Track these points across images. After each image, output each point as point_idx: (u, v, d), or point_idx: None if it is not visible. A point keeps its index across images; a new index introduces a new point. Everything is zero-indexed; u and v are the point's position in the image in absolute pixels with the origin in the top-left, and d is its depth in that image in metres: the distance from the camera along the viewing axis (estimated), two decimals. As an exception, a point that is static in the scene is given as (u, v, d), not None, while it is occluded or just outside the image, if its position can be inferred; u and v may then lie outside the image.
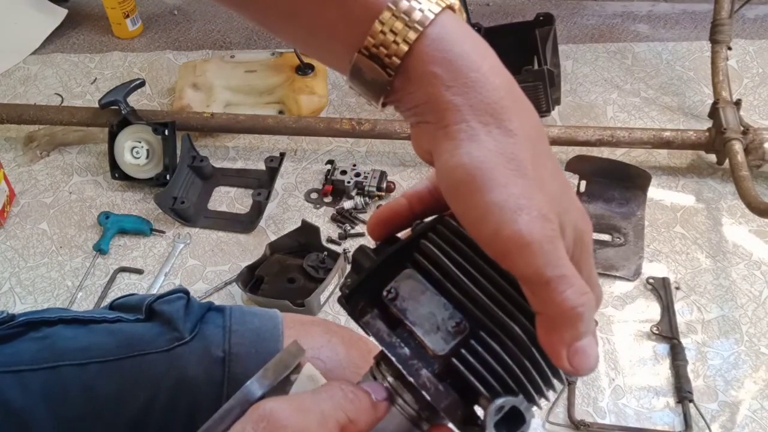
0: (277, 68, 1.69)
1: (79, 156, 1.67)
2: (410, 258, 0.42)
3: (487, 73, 0.38)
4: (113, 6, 1.92)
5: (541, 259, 0.36)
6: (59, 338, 0.64)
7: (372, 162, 1.58)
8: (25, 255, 1.48)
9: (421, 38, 0.38)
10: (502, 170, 0.37)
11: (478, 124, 0.38)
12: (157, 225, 1.50)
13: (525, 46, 1.56)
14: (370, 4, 0.39)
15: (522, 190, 0.37)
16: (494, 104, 0.38)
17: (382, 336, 0.40)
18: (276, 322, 0.68)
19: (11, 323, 0.64)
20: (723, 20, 1.51)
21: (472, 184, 0.37)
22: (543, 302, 0.37)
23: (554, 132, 1.48)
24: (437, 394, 0.38)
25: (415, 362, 0.39)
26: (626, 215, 1.42)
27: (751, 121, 1.48)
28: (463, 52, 0.39)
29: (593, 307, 0.37)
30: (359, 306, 0.42)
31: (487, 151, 0.37)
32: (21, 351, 0.63)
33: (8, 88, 1.86)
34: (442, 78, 0.38)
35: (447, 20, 0.39)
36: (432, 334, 0.39)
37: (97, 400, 0.61)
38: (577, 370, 0.37)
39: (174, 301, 0.67)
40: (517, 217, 0.36)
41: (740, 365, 1.20)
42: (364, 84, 0.41)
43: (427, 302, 0.40)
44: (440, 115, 0.38)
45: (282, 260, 1.38)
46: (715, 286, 1.31)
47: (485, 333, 0.39)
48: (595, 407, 1.17)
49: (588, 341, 0.37)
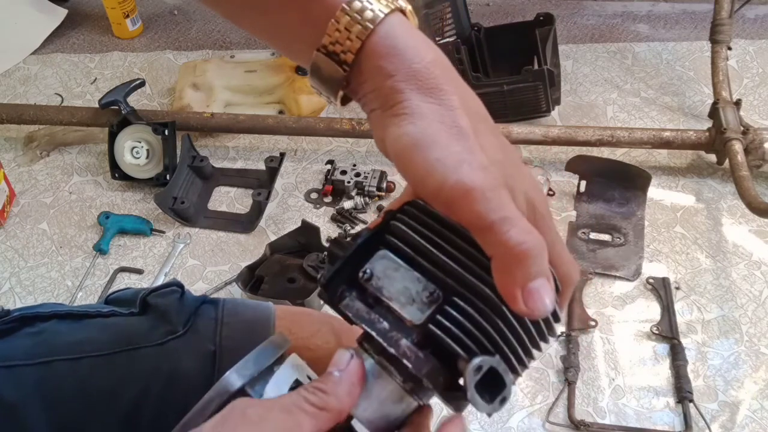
0: (277, 68, 1.69)
1: (79, 156, 1.67)
2: (383, 241, 0.43)
3: (428, 65, 0.42)
4: (113, 6, 1.92)
5: (483, 204, 0.38)
6: (53, 333, 0.64)
7: (372, 162, 1.58)
8: (25, 255, 1.48)
9: (372, 35, 0.42)
10: (444, 134, 0.40)
11: (420, 102, 0.41)
12: (157, 225, 1.50)
13: (525, 46, 1.56)
14: (327, 5, 0.43)
15: (463, 148, 0.40)
16: (435, 88, 0.41)
17: (361, 314, 0.42)
18: (268, 314, 0.68)
19: (5, 318, 0.65)
20: (723, 20, 1.51)
21: (416, 146, 0.40)
22: (491, 245, 0.38)
23: (554, 132, 1.48)
24: (417, 361, 0.40)
25: (395, 334, 0.40)
26: (626, 215, 1.42)
27: (751, 121, 1.48)
28: (407, 47, 0.42)
29: (541, 246, 0.38)
30: (338, 292, 0.43)
31: (429, 120, 0.41)
32: (15, 346, 0.63)
33: (8, 88, 1.86)
34: (388, 69, 0.42)
35: (396, 20, 0.43)
36: (408, 306, 0.41)
37: (91, 394, 0.62)
38: (532, 311, 0.38)
39: (168, 294, 0.67)
40: (458, 168, 0.39)
41: (740, 365, 1.20)
42: (323, 81, 0.45)
43: (401, 278, 0.41)
44: (386, 99, 0.42)
45: (282, 260, 1.38)
46: (715, 286, 1.31)
47: (458, 297, 0.40)
48: (595, 407, 1.17)
49: (540, 282, 0.38)
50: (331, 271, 0.42)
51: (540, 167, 1.52)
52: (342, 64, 0.43)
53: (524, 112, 1.59)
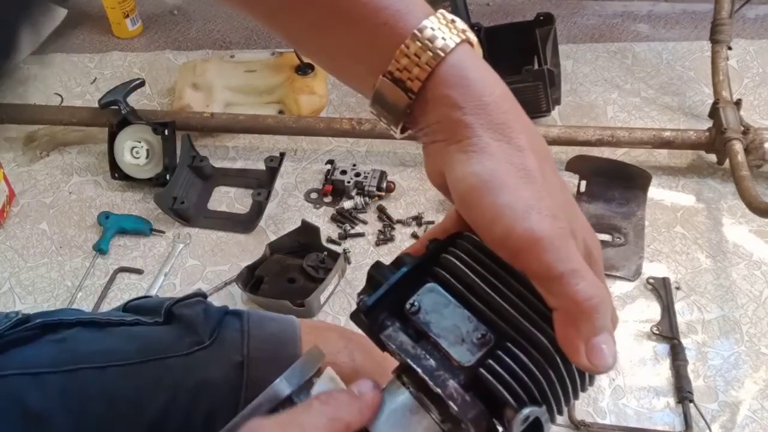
0: (277, 68, 1.69)
1: (79, 156, 1.67)
2: (429, 273, 0.42)
3: (497, 99, 0.41)
4: (113, 6, 1.92)
5: (552, 254, 0.37)
6: (78, 341, 0.64)
7: (372, 162, 1.58)
8: (25, 255, 1.48)
9: (441, 64, 0.41)
10: (512, 177, 0.39)
11: (489, 139, 0.40)
12: (156, 225, 1.50)
13: (525, 46, 1.56)
14: (397, 30, 0.42)
15: (532, 194, 0.38)
16: (503, 125, 0.40)
17: (406, 348, 0.40)
18: (294, 327, 0.69)
19: (28, 325, 0.64)
20: (723, 20, 1.51)
21: (484, 188, 0.39)
22: (557, 297, 0.37)
23: (554, 132, 1.48)
24: (464, 405, 0.38)
25: (442, 373, 0.39)
26: (626, 215, 1.42)
27: (752, 121, 1.48)
28: (478, 78, 0.41)
29: (608, 301, 0.38)
30: (378, 320, 0.41)
31: (497, 160, 0.39)
32: (40, 353, 0.63)
33: (8, 88, 1.86)
34: (456, 100, 0.41)
35: (465, 51, 0.42)
36: (457, 346, 0.39)
37: (116, 403, 0.62)
38: (596, 367, 0.37)
39: (194, 305, 0.67)
40: (528, 216, 0.37)
41: (740, 365, 1.20)
42: (385, 107, 0.43)
43: (451, 315, 0.40)
44: (452, 132, 0.41)
45: (282, 260, 1.38)
46: (716, 286, 1.31)
47: (511, 343, 0.39)
48: (596, 407, 1.17)
49: (605, 337, 0.37)
50: (375, 297, 0.41)
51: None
52: (408, 91, 0.42)
53: (524, 112, 1.59)
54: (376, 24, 0.42)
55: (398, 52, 0.41)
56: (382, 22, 0.42)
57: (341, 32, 0.44)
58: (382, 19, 0.42)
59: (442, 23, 0.42)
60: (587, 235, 0.42)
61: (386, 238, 1.43)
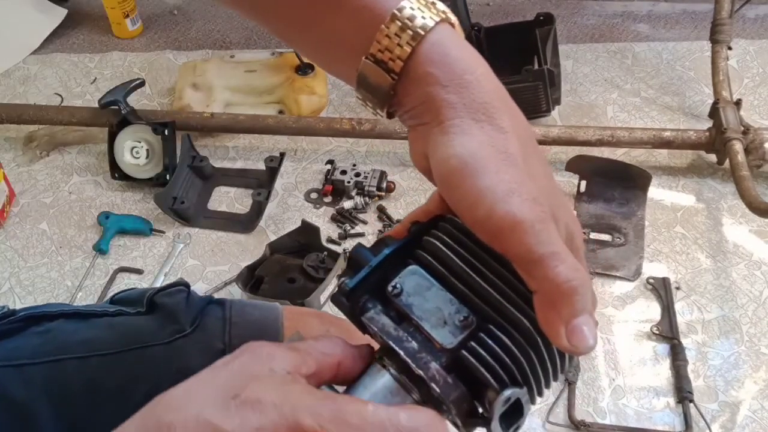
0: (277, 68, 1.69)
1: (79, 156, 1.67)
2: (411, 255, 0.42)
3: (480, 77, 0.41)
4: (113, 6, 1.92)
5: (532, 237, 0.37)
6: (61, 332, 0.65)
7: (372, 162, 1.58)
8: (25, 255, 1.48)
9: (422, 42, 0.41)
10: (494, 159, 0.39)
11: (471, 121, 0.40)
12: (156, 225, 1.50)
13: (525, 46, 1.56)
14: (377, 11, 0.42)
15: (513, 177, 0.39)
16: (486, 104, 0.40)
17: (388, 331, 0.40)
18: (276, 314, 0.69)
19: (12, 318, 0.65)
20: (723, 20, 1.51)
21: (466, 170, 0.39)
22: (537, 280, 0.38)
23: (554, 132, 1.48)
24: (446, 387, 0.39)
25: (424, 355, 0.39)
26: (626, 215, 1.42)
27: (752, 121, 1.48)
28: (459, 57, 0.42)
29: (587, 284, 0.38)
30: (360, 303, 0.42)
31: (479, 142, 0.39)
32: (23, 345, 0.63)
33: (8, 88, 1.86)
34: (439, 78, 0.41)
35: (445, 30, 0.43)
36: (439, 328, 0.40)
37: (100, 392, 0.62)
38: (576, 348, 0.37)
39: (175, 293, 0.68)
40: (508, 199, 0.38)
41: (740, 365, 1.20)
42: (369, 90, 0.43)
43: (433, 297, 0.40)
44: (435, 113, 0.41)
45: (282, 260, 1.38)
46: (716, 286, 1.31)
47: (493, 325, 0.39)
48: (596, 407, 1.17)
49: (585, 319, 0.37)
50: (356, 279, 0.41)
51: (540, 167, 1.52)
52: (390, 72, 0.42)
53: (524, 112, 1.50)
54: (357, 7, 0.43)
55: (379, 33, 0.42)
56: (362, 5, 0.43)
57: (322, 18, 0.45)
58: (362, 2, 0.43)
59: (421, 3, 0.42)
60: (570, 221, 0.41)
61: (386, 238, 1.43)
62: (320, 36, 0.46)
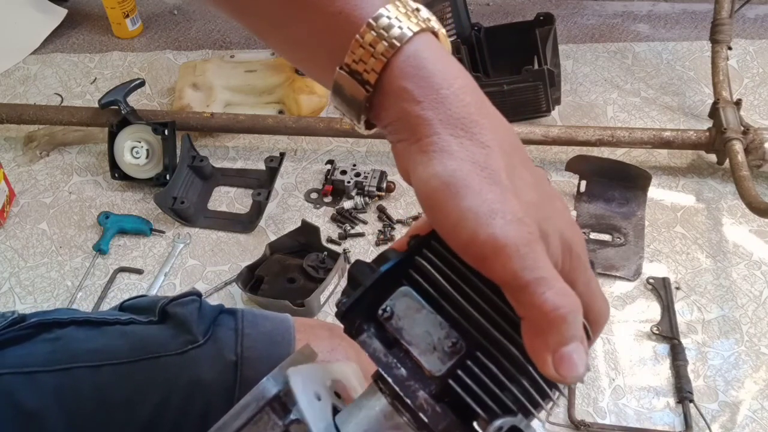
0: (277, 68, 1.69)
1: (79, 156, 1.67)
2: (406, 273, 0.41)
3: (457, 91, 0.39)
4: (113, 6, 1.92)
5: (517, 262, 0.35)
6: (72, 340, 0.64)
7: (372, 162, 1.58)
8: (25, 255, 1.48)
9: (397, 54, 0.39)
10: (475, 178, 0.37)
11: (450, 137, 0.38)
12: (156, 225, 1.50)
13: (525, 46, 1.56)
14: (352, 19, 0.40)
15: (496, 196, 0.37)
16: (464, 119, 0.38)
17: (378, 356, 0.40)
18: (288, 326, 0.68)
19: (23, 324, 0.64)
20: (723, 20, 1.51)
21: (447, 191, 0.37)
22: (524, 306, 0.36)
23: (554, 132, 1.48)
24: (434, 416, 0.38)
25: (412, 383, 0.39)
26: (626, 215, 1.42)
27: (752, 121, 1.48)
28: (436, 70, 0.39)
29: (577, 309, 0.36)
30: (356, 323, 0.41)
31: (459, 160, 0.37)
32: (34, 352, 0.63)
33: (8, 88, 1.86)
34: (413, 93, 0.39)
35: (424, 41, 0.40)
36: (428, 354, 0.39)
37: (110, 402, 0.62)
38: (564, 378, 0.36)
39: (187, 303, 0.67)
40: (491, 221, 0.36)
41: (740, 365, 1.20)
42: (345, 101, 0.41)
43: (423, 321, 0.40)
44: (412, 131, 0.39)
45: (282, 260, 1.38)
46: (716, 286, 1.31)
47: (481, 353, 0.38)
48: (596, 407, 1.17)
49: (574, 347, 0.36)
50: (350, 301, 0.41)
51: (540, 167, 1.52)
52: (365, 84, 0.40)
53: (524, 112, 1.59)
54: (332, 13, 0.41)
55: (353, 43, 0.39)
56: (337, 10, 0.40)
57: (298, 22, 0.43)
58: (337, 8, 0.40)
59: (401, 11, 0.40)
60: (566, 231, 0.39)
61: (386, 238, 1.43)
62: (296, 41, 0.44)
